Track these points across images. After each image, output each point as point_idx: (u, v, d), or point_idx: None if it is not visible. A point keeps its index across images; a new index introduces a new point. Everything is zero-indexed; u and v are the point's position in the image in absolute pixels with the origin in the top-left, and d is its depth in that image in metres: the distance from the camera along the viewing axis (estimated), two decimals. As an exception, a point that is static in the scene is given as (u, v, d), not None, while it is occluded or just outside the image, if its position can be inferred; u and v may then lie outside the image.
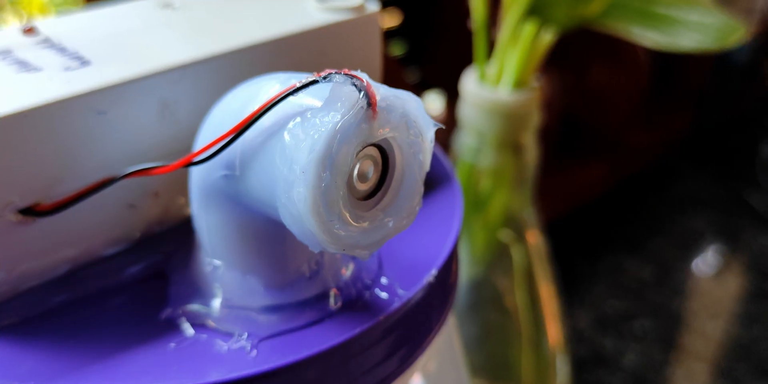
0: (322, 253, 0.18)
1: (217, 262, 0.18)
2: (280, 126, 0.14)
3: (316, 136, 0.14)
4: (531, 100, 0.35)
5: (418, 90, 0.66)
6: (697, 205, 0.74)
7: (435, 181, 0.23)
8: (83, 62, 0.18)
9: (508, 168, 0.38)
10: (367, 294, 0.18)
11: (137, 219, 0.19)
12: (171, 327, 0.17)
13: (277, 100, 0.14)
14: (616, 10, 0.33)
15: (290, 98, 0.15)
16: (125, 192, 0.18)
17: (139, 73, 0.17)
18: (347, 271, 0.19)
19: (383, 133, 0.14)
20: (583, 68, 0.71)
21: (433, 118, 0.30)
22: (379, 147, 0.15)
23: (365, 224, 0.15)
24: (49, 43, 0.18)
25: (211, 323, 0.17)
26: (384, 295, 0.18)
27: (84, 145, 0.17)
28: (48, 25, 0.19)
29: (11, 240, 0.17)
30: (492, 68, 0.35)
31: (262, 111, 0.14)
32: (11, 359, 0.16)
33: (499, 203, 0.40)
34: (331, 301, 0.18)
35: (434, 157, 0.24)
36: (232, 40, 0.19)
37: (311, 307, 0.18)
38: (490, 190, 0.39)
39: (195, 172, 0.16)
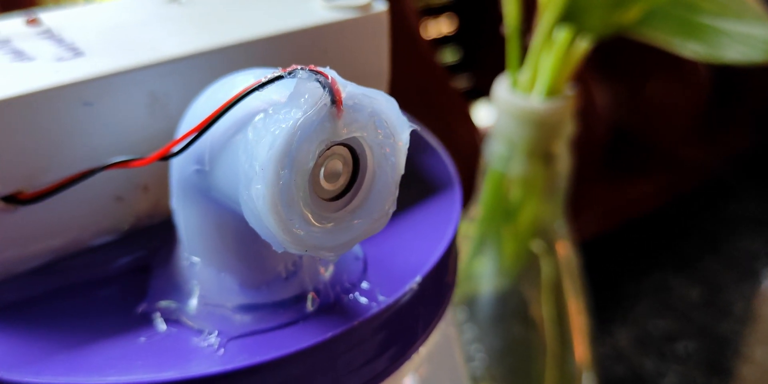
0: (300, 255, 0.18)
1: (195, 258, 0.17)
2: (246, 121, 0.14)
3: (276, 133, 0.13)
4: (564, 108, 0.34)
5: (469, 97, 0.65)
6: (753, 226, 0.71)
7: (437, 186, 0.22)
8: (77, 53, 0.18)
9: (539, 177, 0.37)
10: (345, 298, 0.18)
11: (125, 212, 0.19)
12: (145, 321, 0.17)
13: (241, 95, 0.14)
14: (656, 19, 0.32)
15: (259, 94, 0.14)
16: (113, 184, 0.18)
17: (128, 65, 0.17)
18: (327, 274, 0.18)
19: (349, 131, 0.14)
20: (640, 79, 0.69)
21: (482, 126, 0.29)
22: (349, 147, 0.15)
23: (330, 225, 0.15)
24: (49, 34, 0.19)
25: (184, 319, 0.17)
26: (363, 300, 0.18)
27: (70, 136, 0.17)
28: (53, 16, 0.20)
29: (-7, 227, 0.17)
30: (524, 75, 0.34)
31: (226, 106, 0.14)
32: (-18, 344, 0.16)
33: (529, 213, 0.39)
34: (308, 303, 0.18)
35: (439, 161, 0.23)
36: (229, 36, 0.19)
37: (287, 309, 0.17)
38: (521, 199, 0.39)
39: (173, 166, 0.16)
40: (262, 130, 0.14)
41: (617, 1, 0.30)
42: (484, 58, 0.68)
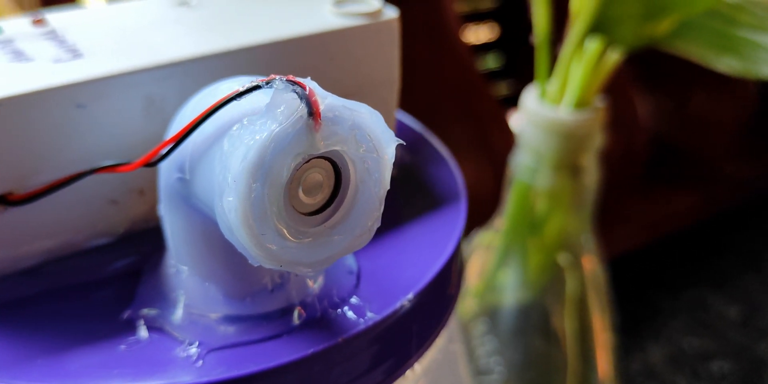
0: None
1: (182, 266, 0.17)
2: (224, 131, 0.14)
3: (250, 144, 0.13)
4: (593, 120, 0.34)
5: (509, 105, 0.64)
6: (797, 244, 0.68)
7: (443, 199, 0.22)
8: (76, 55, 0.18)
9: (566, 190, 0.36)
10: (333, 313, 0.17)
11: (120, 215, 0.19)
12: (128, 328, 0.17)
13: (218, 105, 0.14)
14: (690, 31, 0.31)
15: (239, 103, 0.14)
16: (107, 187, 0.18)
17: (123, 68, 0.17)
18: (316, 287, 0.18)
19: (327, 145, 0.14)
20: (685, 91, 0.67)
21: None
22: (331, 161, 0.14)
23: (308, 240, 0.14)
24: (52, 35, 0.19)
25: (167, 328, 0.17)
26: (352, 315, 0.17)
27: (62, 138, 0.17)
28: (60, 17, 0.20)
29: (-18, 226, 0.17)
30: (553, 85, 0.34)
31: (203, 116, 0.14)
32: (-35, 344, 0.16)
33: (555, 226, 0.38)
34: (294, 317, 0.17)
35: (447, 173, 0.23)
36: (232, 40, 0.19)
37: (272, 322, 0.17)
38: (546, 211, 0.38)
39: (160, 172, 0.16)
40: (237, 141, 0.13)
41: (649, 13, 0.29)
42: (525, 65, 0.67)
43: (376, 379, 0.18)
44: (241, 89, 0.14)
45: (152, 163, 0.15)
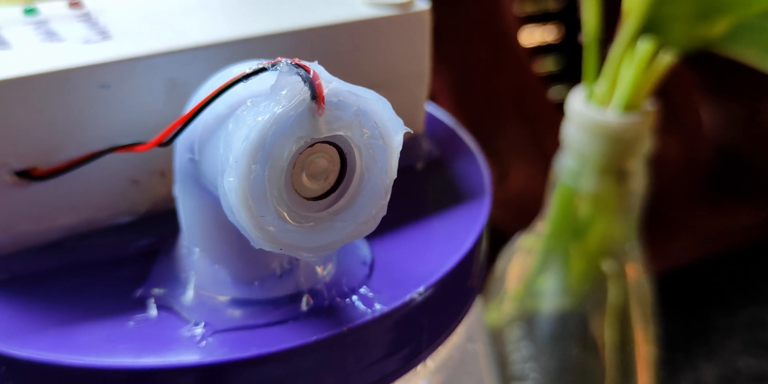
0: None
1: (194, 248, 0.17)
2: (230, 112, 0.14)
3: (251, 125, 0.13)
4: (642, 124, 0.33)
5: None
6: None
7: (468, 194, 0.21)
8: (105, 37, 0.18)
9: (611, 195, 0.35)
10: (341, 302, 0.17)
11: (141, 196, 0.19)
12: (139, 306, 0.17)
13: (225, 87, 0.14)
14: (747, 33, 0.30)
15: (247, 85, 0.14)
16: (129, 168, 0.18)
17: (147, 51, 0.17)
18: (326, 276, 0.18)
19: (331, 129, 0.13)
20: (755, 100, 0.65)
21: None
22: (337, 146, 0.14)
23: (309, 225, 0.14)
24: (86, 17, 0.19)
25: (176, 308, 0.17)
26: (360, 305, 0.17)
27: (85, 117, 0.17)
28: (96, 0, 0.20)
29: (7, 201, 0.17)
30: (601, 87, 0.33)
31: (211, 97, 0.14)
32: (-18, 313, 0.17)
33: (598, 231, 0.37)
34: (302, 304, 0.17)
35: (475, 169, 0.22)
36: (258, 26, 0.19)
37: (279, 307, 0.17)
38: (590, 216, 0.37)
39: (174, 153, 0.16)
40: (240, 122, 0.13)
41: (702, 13, 0.28)
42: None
43: (384, 372, 0.18)
44: (248, 71, 0.14)
45: (165, 144, 0.15)
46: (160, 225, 0.19)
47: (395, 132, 0.14)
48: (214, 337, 0.16)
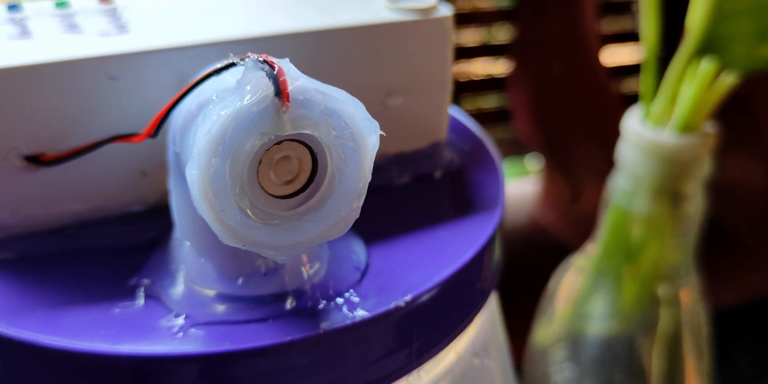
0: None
1: (185, 241, 0.18)
2: (202, 106, 0.14)
3: (214, 119, 0.13)
4: (700, 146, 0.31)
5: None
6: None
7: (480, 206, 0.21)
8: (123, 31, 0.19)
9: (666, 218, 0.34)
10: (325, 305, 0.17)
11: (149, 187, 0.19)
12: (129, 294, 0.18)
13: (197, 81, 0.14)
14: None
15: (223, 79, 0.14)
16: (136, 159, 0.19)
17: (157, 45, 0.18)
18: (314, 277, 0.18)
19: (296, 127, 0.13)
20: None
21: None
22: (308, 146, 0.14)
23: (275, 223, 0.14)
24: (112, 12, 0.20)
25: (163, 298, 0.17)
26: (344, 309, 0.17)
27: (94, 107, 0.18)
28: (129, -3, 0.21)
29: (15, 184, 0.18)
30: (658, 107, 0.32)
31: (184, 91, 0.14)
32: (-19, 289, 0.17)
33: (652, 255, 0.36)
34: (286, 304, 0.17)
35: (493, 180, 0.22)
36: (275, 26, 0.19)
37: (263, 306, 0.17)
38: (643, 239, 0.35)
39: (166, 146, 0.17)
40: (206, 116, 0.13)
41: (764, 33, 0.27)
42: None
43: (365, 380, 0.18)
44: (219, 66, 0.14)
45: (153, 135, 0.16)
46: (166, 217, 0.20)
47: (368, 133, 0.14)
48: (192, 330, 0.17)
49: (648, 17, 0.31)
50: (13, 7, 0.19)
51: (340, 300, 0.17)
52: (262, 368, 0.16)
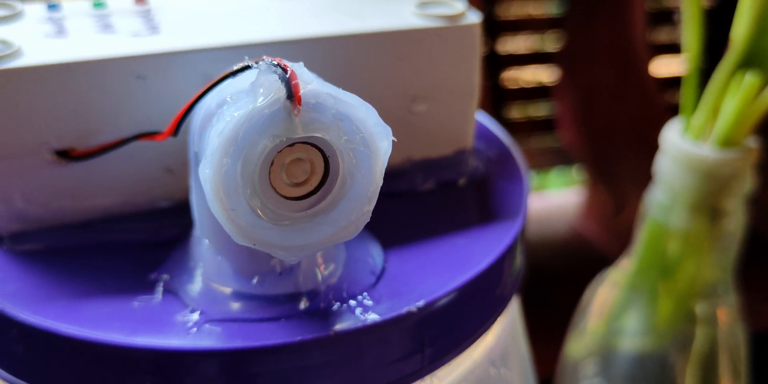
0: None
1: (204, 238, 0.18)
2: (218, 107, 0.14)
3: (227, 120, 0.13)
4: (741, 162, 0.31)
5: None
6: None
7: (502, 214, 0.21)
8: (154, 32, 0.19)
9: (703, 234, 0.33)
10: (338, 307, 0.17)
11: (175, 184, 0.20)
12: (149, 289, 0.18)
13: (213, 83, 0.14)
14: None
15: (240, 81, 0.14)
16: (162, 157, 0.19)
17: (184, 46, 0.18)
18: (330, 279, 0.18)
19: (307, 130, 0.14)
20: None
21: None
22: (321, 150, 0.14)
23: (285, 223, 0.14)
24: (146, 13, 0.20)
25: (181, 294, 0.18)
26: (357, 312, 0.17)
27: (122, 104, 0.18)
28: (165, -1, 0.21)
29: (46, 177, 0.19)
30: (698, 120, 0.31)
31: (201, 93, 0.14)
32: (10, 277, 0.18)
33: (689, 271, 0.35)
34: (300, 304, 0.17)
35: (517, 190, 0.22)
36: (300, 30, 0.19)
37: (276, 305, 0.17)
38: (680, 255, 0.35)
39: (188, 145, 0.17)
40: (221, 117, 0.14)
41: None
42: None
43: (375, 383, 0.18)
44: (234, 68, 0.14)
45: (174, 134, 0.16)
46: (191, 214, 0.20)
47: (380, 138, 0.14)
48: (206, 326, 0.17)
49: (691, 28, 0.30)
50: (52, 7, 0.20)
51: (353, 302, 0.18)
52: (271, 367, 0.16)
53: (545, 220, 0.63)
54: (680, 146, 0.31)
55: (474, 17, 0.20)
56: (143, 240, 0.20)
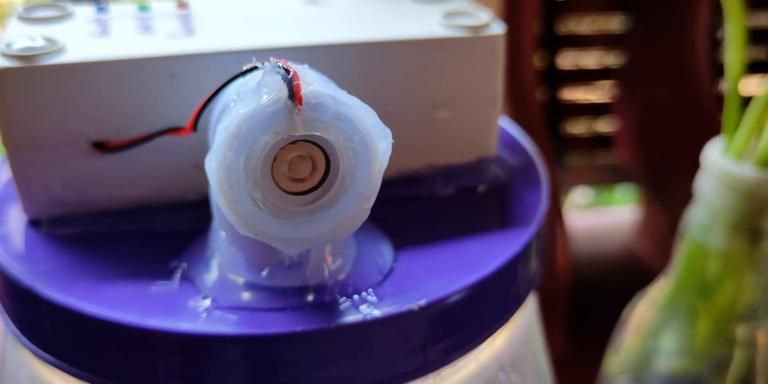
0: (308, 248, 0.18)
1: (221, 230, 0.19)
2: (228, 105, 0.15)
3: (233, 116, 0.14)
4: (781, 183, 0.30)
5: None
6: None
7: (518, 222, 0.21)
8: (189, 34, 0.20)
9: (743, 255, 0.33)
10: (342, 301, 0.18)
11: (203, 178, 0.21)
12: (168, 275, 0.19)
13: (224, 83, 0.15)
14: None
15: (247, 81, 0.15)
16: (190, 152, 0.20)
17: (214, 48, 0.19)
18: (336, 275, 0.19)
19: (308, 129, 0.14)
20: None
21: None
22: (322, 148, 0.15)
23: (285, 217, 0.15)
24: (185, 17, 0.21)
25: (196, 282, 0.19)
26: (358, 307, 0.18)
27: (155, 101, 0.20)
28: (202, 3, 0.22)
29: (82, 166, 0.20)
30: (740, 139, 0.31)
31: (215, 91, 0.15)
32: (44, 258, 0.19)
33: (728, 293, 0.35)
34: (307, 297, 0.18)
35: (535, 199, 0.22)
36: (325, 36, 0.20)
37: (284, 297, 0.18)
38: (719, 275, 0.34)
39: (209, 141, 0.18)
40: (229, 113, 0.15)
41: None
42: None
43: (374, 378, 0.18)
44: (244, 69, 0.15)
45: (194, 130, 0.17)
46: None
47: (379, 139, 0.15)
48: (215, 313, 0.18)
49: (733, 46, 0.30)
50: (101, 9, 0.22)
51: (357, 298, 0.18)
52: (271, 355, 0.17)
53: (599, 238, 0.62)
54: (721, 165, 0.31)
55: (498, 28, 0.21)
56: (170, 230, 0.21)
